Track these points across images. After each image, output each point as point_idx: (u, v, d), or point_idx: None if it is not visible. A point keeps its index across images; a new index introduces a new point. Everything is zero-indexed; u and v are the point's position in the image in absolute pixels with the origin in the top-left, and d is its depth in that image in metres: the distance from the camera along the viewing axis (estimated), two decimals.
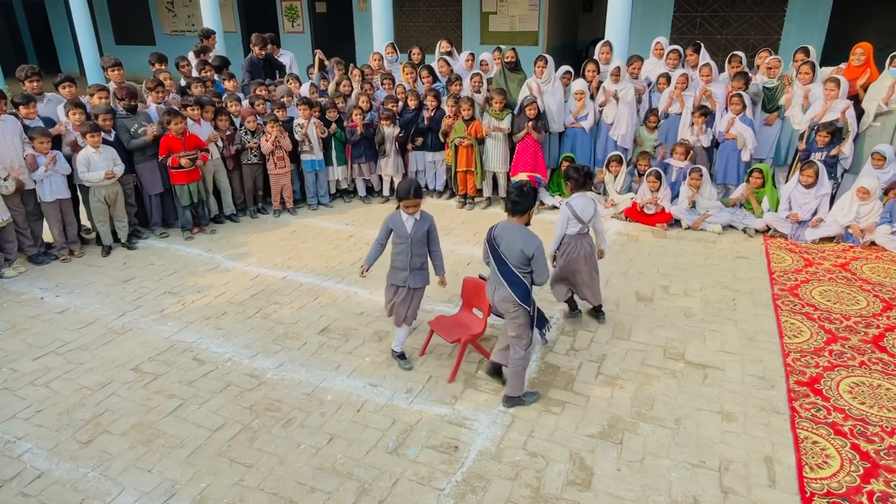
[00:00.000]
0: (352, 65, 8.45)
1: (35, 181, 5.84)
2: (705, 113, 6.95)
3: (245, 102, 7.42)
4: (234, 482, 3.33)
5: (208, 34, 9.00)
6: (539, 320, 4.03)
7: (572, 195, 4.65)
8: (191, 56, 8.44)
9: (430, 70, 7.83)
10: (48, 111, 6.22)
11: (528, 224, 3.80)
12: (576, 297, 4.90)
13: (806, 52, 7.10)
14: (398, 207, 4.15)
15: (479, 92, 7.58)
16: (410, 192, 4.02)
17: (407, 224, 4.11)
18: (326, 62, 8.73)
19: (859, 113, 6.63)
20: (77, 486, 3.32)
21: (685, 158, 7.04)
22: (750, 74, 7.14)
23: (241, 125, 7.11)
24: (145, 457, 3.52)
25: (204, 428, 3.75)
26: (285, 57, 9.23)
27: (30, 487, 3.31)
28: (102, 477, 3.38)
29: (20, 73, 6.09)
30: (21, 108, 5.86)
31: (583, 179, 4.60)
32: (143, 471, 3.42)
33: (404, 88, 7.83)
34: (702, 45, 7.71)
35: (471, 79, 7.60)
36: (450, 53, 8.42)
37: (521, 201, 3.69)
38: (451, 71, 8.16)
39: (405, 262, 4.15)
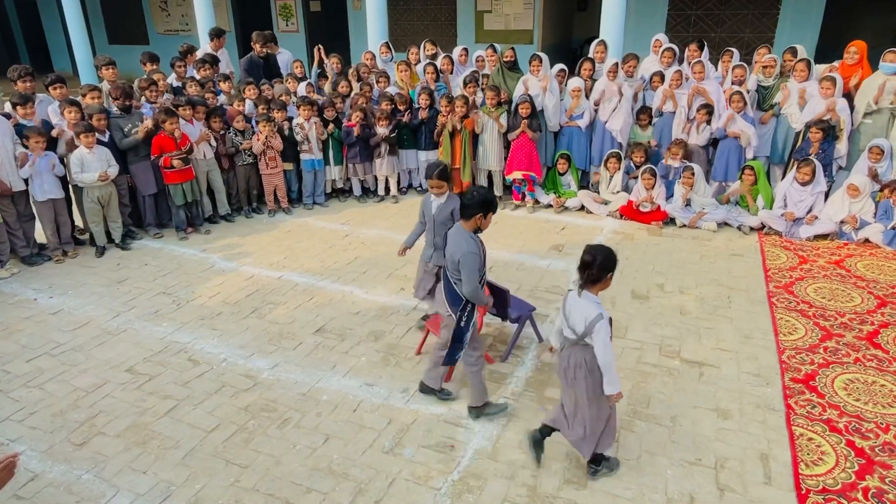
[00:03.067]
0: (351, 66, 8.38)
1: (25, 180, 5.80)
2: (710, 111, 6.95)
3: (248, 103, 7.39)
4: (229, 483, 3.32)
5: (220, 33, 8.79)
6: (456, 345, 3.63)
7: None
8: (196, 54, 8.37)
9: (436, 68, 7.84)
10: (40, 112, 6.18)
11: (477, 231, 3.54)
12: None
13: (794, 52, 7.11)
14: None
15: (474, 94, 7.55)
16: (434, 174, 4.19)
17: (433, 205, 4.33)
18: (325, 60, 8.65)
19: (853, 110, 6.66)
20: (71, 488, 3.30)
21: (680, 157, 7.03)
22: (747, 68, 7.15)
23: (230, 127, 7.06)
24: (140, 458, 3.50)
25: (199, 429, 3.73)
26: (283, 55, 9.16)
27: (24, 490, 3.29)
28: (97, 479, 3.36)
29: (12, 73, 6.06)
30: (19, 108, 5.83)
31: None
32: (137, 472, 3.40)
33: (393, 96, 7.77)
34: (705, 43, 7.68)
35: (465, 86, 7.54)
36: (434, 56, 8.39)
37: (469, 206, 3.48)
38: (452, 71, 8.14)
39: (430, 241, 4.43)
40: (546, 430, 3.38)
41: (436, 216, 4.31)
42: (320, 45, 8.81)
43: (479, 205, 3.45)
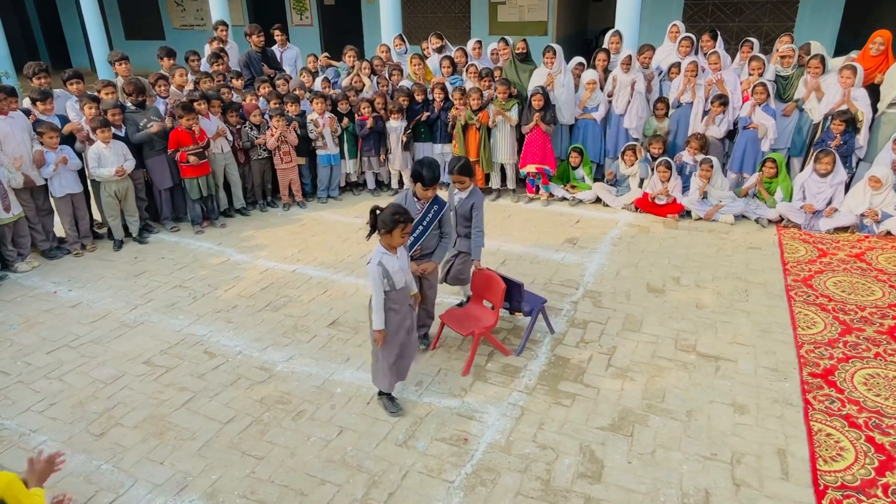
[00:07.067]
0: (363, 61, 8.37)
1: (45, 178, 5.88)
2: (724, 102, 6.84)
3: (261, 100, 7.42)
4: (245, 474, 3.35)
5: (218, 25, 8.88)
6: None
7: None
8: (206, 48, 8.41)
9: (452, 61, 7.80)
10: (57, 107, 6.25)
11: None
12: None
13: (807, 49, 7.02)
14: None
15: (488, 87, 7.49)
16: (455, 169, 4.32)
17: (455, 199, 4.47)
18: (334, 62, 8.65)
19: (875, 100, 6.52)
20: (90, 478, 3.35)
21: (699, 151, 6.92)
22: (765, 60, 7.04)
23: (246, 121, 7.10)
24: (157, 449, 3.55)
25: (215, 420, 3.77)
26: (290, 51, 9.14)
27: None
28: (115, 469, 3.41)
29: (28, 70, 6.13)
30: (38, 104, 5.91)
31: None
32: (155, 463, 3.45)
33: (408, 88, 7.75)
34: (718, 32, 7.57)
35: (480, 79, 7.48)
36: (440, 49, 8.33)
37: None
38: (466, 63, 8.10)
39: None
40: None
41: (458, 209, 4.45)
42: (325, 54, 8.85)
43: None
